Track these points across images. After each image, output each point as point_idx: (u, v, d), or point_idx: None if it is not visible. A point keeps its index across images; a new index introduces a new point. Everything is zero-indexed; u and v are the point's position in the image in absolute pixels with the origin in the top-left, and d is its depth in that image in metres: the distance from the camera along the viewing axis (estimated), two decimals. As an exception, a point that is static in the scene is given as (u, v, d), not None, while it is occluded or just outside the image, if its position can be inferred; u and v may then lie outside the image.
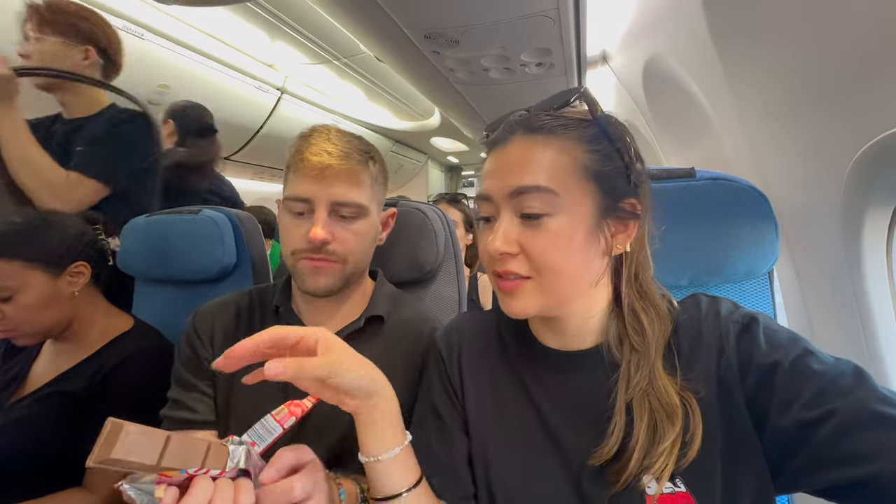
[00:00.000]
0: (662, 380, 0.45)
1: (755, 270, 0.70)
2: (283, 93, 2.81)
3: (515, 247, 0.47)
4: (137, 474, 0.36)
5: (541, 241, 0.46)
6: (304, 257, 0.68)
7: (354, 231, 0.70)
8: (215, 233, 1.06)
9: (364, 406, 0.47)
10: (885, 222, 0.76)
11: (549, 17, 1.48)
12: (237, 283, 1.11)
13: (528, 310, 0.48)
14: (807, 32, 0.70)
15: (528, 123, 0.48)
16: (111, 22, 1.27)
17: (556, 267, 0.46)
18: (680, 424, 0.43)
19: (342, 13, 1.60)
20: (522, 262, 0.47)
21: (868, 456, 0.35)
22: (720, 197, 0.68)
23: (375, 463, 0.48)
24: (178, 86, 2.16)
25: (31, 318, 0.83)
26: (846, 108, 0.70)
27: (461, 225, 1.68)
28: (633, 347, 0.48)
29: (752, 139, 1.01)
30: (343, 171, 0.67)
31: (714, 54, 0.98)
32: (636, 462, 0.43)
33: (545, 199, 0.45)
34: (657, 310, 0.50)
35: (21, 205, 1.07)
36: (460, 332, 0.62)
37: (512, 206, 0.47)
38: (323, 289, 0.69)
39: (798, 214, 0.91)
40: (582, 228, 0.46)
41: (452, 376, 0.59)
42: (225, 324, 0.76)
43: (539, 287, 0.47)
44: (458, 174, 6.39)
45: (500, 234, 0.47)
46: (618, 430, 0.45)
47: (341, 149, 0.67)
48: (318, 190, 0.67)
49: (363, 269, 0.76)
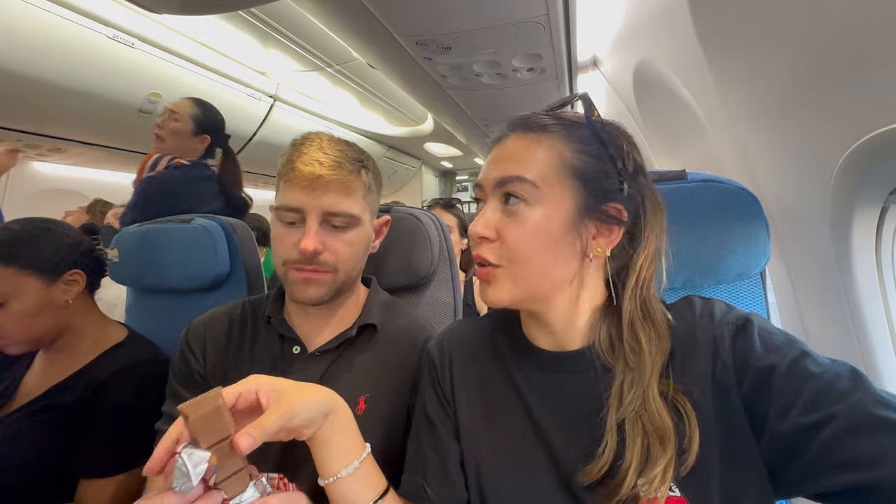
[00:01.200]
0: (657, 402, 0.44)
1: (748, 271, 0.70)
2: (276, 100, 2.81)
3: (493, 232, 0.49)
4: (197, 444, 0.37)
5: (516, 229, 0.48)
6: (295, 268, 0.67)
7: (346, 241, 0.70)
8: (208, 241, 1.05)
9: (320, 429, 0.47)
10: (874, 221, 0.77)
11: (540, 24, 1.50)
12: (231, 291, 1.10)
13: (501, 298, 0.50)
14: (793, 35, 0.72)
15: (527, 122, 0.51)
16: (101, 31, 1.27)
17: (525, 256, 0.48)
18: (672, 450, 0.42)
19: (334, 20, 1.61)
20: (495, 249, 0.50)
21: (869, 461, 0.35)
22: (712, 198, 0.69)
23: (336, 482, 0.48)
24: (170, 94, 2.15)
25: (23, 326, 0.82)
26: (833, 109, 0.71)
27: (456, 230, 1.68)
28: (627, 365, 0.47)
29: (742, 141, 1.02)
30: (335, 180, 0.66)
31: (702, 58, 1.00)
32: (627, 487, 0.42)
33: (525, 190, 0.48)
34: (657, 330, 0.49)
35: None
36: (452, 340, 0.62)
37: (497, 196, 0.51)
38: (313, 299, 0.68)
39: (789, 215, 0.93)
40: (557, 224, 0.48)
41: (444, 385, 0.59)
42: (216, 336, 0.75)
43: (508, 275, 0.49)
44: (453, 179, 6.41)
45: (481, 220, 0.50)
46: (608, 451, 0.44)
47: (333, 158, 0.67)
48: (310, 200, 0.66)
49: (355, 278, 0.75)
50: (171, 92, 2.15)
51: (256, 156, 3.03)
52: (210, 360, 0.73)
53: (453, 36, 1.57)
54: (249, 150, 2.93)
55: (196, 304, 1.10)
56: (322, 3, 1.46)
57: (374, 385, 0.70)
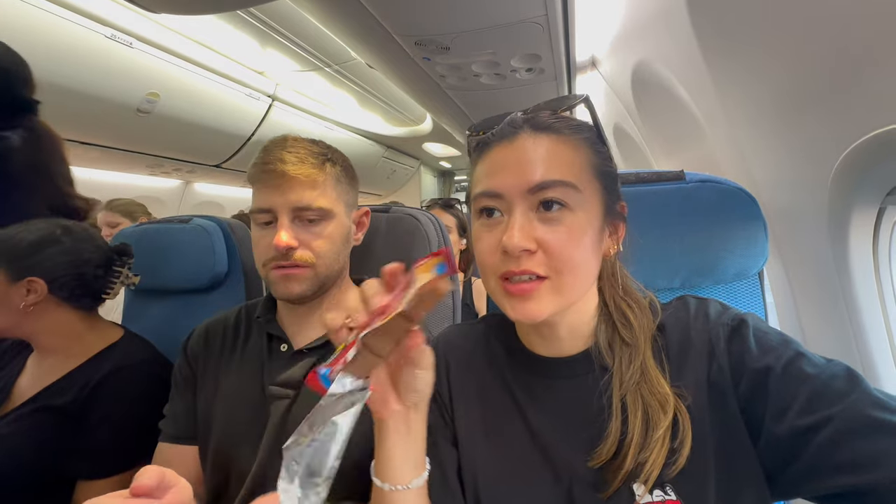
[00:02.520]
0: (653, 370, 0.46)
1: (746, 271, 0.70)
2: (275, 100, 2.80)
3: (534, 243, 0.45)
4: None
5: (561, 235, 0.44)
6: (274, 266, 0.69)
7: (320, 234, 0.70)
8: (206, 242, 1.05)
9: (416, 410, 0.47)
10: (871, 222, 0.77)
11: (538, 24, 1.50)
12: (229, 291, 1.10)
13: (543, 312, 0.46)
14: (791, 36, 0.72)
15: (535, 122, 0.48)
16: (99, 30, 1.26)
17: (576, 263, 0.45)
18: (672, 413, 0.43)
19: (333, 20, 1.60)
20: (541, 260, 0.45)
21: (866, 464, 0.35)
22: (710, 199, 0.69)
23: (403, 492, 0.45)
24: (168, 94, 2.15)
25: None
26: (830, 111, 0.71)
27: (454, 230, 1.68)
28: (623, 342, 0.48)
29: (740, 141, 1.02)
30: (299, 175, 0.68)
31: (700, 58, 1.00)
32: (632, 458, 0.42)
33: (567, 194, 0.45)
34: (639, 304, 0.51)
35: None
36: (448, 346, 0.61)
37: (528, 202, 0.46)
38: (296, 295, 0.69)
39: (787, 215, 0.93)
40: (594, 226, 0.47)
41: (441, 390, 0.58)
42: (212, 341, 0.78)
43: (555, 287, 0.45)
44: (451, 179, 6.41)
45: (516, 230, 0.44)
46: (615, 429, 0.45)
47: (296, 155, 0.69)
48: (277, 197, 0.68)
49: (338, 272, 0.75)
50: (170, 91, 2.14)
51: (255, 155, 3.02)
52: (202, 363, 0.76)
53: (452, 36, 1.57)
54: (247, 149, 2.92)
55: (194, 305, 1.10)
56: (321, 3, 1.45)
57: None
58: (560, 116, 0.49)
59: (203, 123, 2.47)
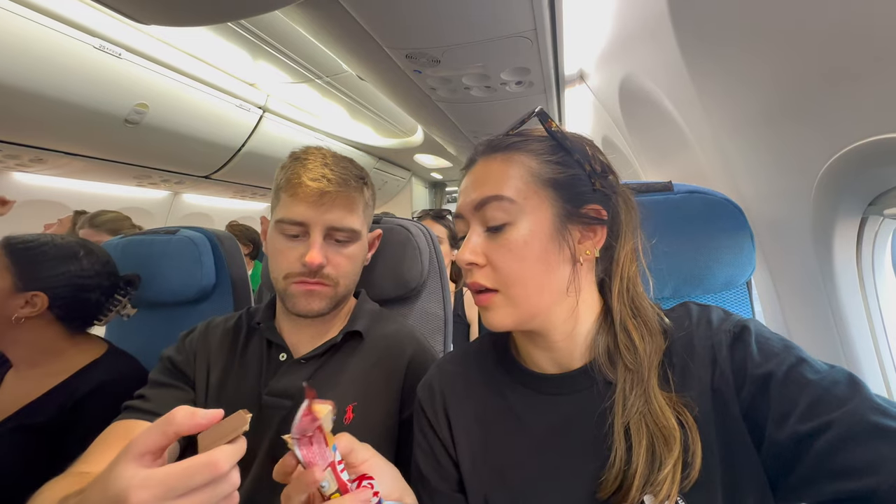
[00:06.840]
0: (658, 400, 0.45)
1: (734, 280, 0.71)
2: (265, 111, 2.80)
3: (482, 258, 0.49)
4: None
5: (505, 252, 0.48)
6: (298, 281, 0.68)
7: (347, 255, 0.71)
8: (194, 253, 1.04)
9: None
10: (854, 232, 0.79)
11: (528, 38, 1.52)
12: (216, 304, 1.08)
13: (504, 322, 0.49)
14: (772, 50, 0.74)
15: (491, 145, 0.53)
16: (87, 41, 1.26)
17: (519, 276, 0.48)
18: (678, 448, 0.42)
19: (324, 33, 1.61)
20: (488, 274, 0.49)
21: (866, 469, 0.35)
22: (697, 209, 0.70)
23: None
24: (158, 105, 2.13)
25: None
26: (813, 123, 0.73)
27: (446, 241, 1.68)
28: (626, 367, 0.47)
29: (726, 153, 1.04)
30: (341, 197, 0.68)
31: (685, 72, 1.02)
32: (637, 490, 0.41)
33: (504, 208, 0.48)
34: (649, 326, 0.50)
35: None
36: (443, 380, 0.60)
37: (478, 220, 0.51)
38: (315, 311, 0.69)
39: (772, 225, 0.94)
40: (542, 234, 0.48)
41: (440, 431, 0.56)
42: (212, 342, 0.76)
43: (507, 299, 0.49)
44: (443, 190, 6.43)
45: (468, 246, 0.50)
46: (619, 458, 0.44)
47: (339, 175, 0.68)
48: (315, 215, 0.67)
49: (351, 291, 0.77)
50: (159, 103, 2.13)
51: (245, 167, 3.00)
52: (202, 363, 0.74)
53: (442, 49, 1.59)
54: (237, 161, 2.91)
55: (181, 318, 1.07)
56: (312, 16, 1.46)
57: (361, 392, 0.70)
58: (510, 135, 0.52)
59: (192, 134, 2.45)
